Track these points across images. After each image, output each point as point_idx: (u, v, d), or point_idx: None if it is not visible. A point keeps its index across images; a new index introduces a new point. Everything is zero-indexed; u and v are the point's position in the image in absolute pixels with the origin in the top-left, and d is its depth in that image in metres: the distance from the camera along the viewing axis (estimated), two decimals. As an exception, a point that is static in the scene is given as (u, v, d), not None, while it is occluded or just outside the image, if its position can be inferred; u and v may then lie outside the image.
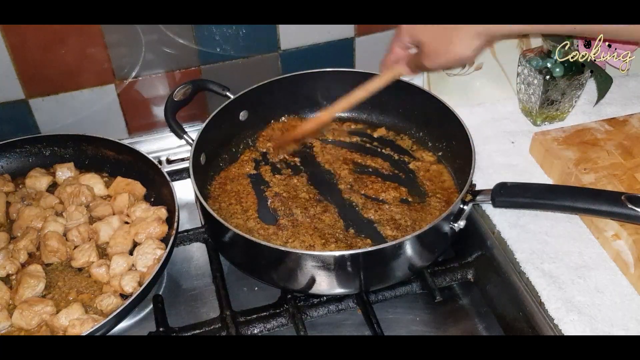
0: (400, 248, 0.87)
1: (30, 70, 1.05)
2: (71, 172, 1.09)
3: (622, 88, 1.22)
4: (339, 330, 0.95)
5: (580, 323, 0.83)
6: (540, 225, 0.96)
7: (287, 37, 1.16)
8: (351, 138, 1.17)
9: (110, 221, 1.00)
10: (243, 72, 1.16)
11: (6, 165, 1.10)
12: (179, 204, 0.98)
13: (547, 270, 0.90)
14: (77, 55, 1.06)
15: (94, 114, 1.13)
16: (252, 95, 1.12)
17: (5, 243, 0.98)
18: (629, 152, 1.02)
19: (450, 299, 1.00)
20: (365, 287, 0.92)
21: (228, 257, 1.00)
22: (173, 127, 1.06)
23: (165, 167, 1.15)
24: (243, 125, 1.15)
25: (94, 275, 0.94)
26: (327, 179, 1.09)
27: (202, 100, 1.18)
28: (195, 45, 1.12)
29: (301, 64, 1.17)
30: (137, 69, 1.11)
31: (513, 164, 1.08)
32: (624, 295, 0.86)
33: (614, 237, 0.91)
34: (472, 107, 1.20)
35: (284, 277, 0.91)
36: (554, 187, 0.97)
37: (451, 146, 1.08)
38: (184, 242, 1.05)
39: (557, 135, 1.06)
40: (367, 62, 1.22)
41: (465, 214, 0.92)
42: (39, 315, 0.88)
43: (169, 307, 0.94)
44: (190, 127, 1.11)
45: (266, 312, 0.93)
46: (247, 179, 1.08)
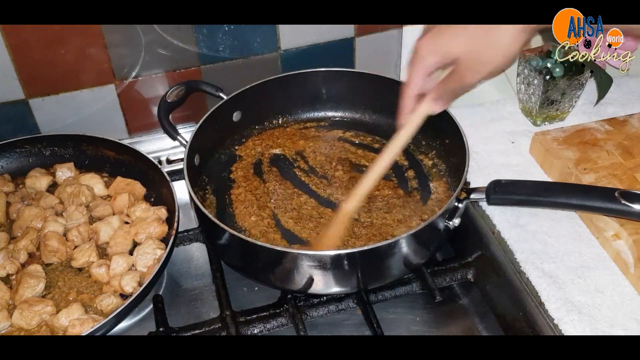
0: (395, 246, 0.87)
1: (31, 70, 1.05)
2: (71, 172, 1.09)
3: (622, 88, 1.22)
4: (339, 330, 0.95)
5: (580, 323, 0.83)
6: (540, 225, 0.96)
7: (287, 37, 1.16)
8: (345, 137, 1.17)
9: (110, 221, 1.00)
10: (243, 72, 1.16)
11: (6, 165, 1.10)
12: (179, 204, 0.98)
13: (547, 270, 0.90)
14: (77, 55, 1.06)
15: (94, 114, 1.13)
16: (246, 95, 1.11)
17: (5, 243, 0.98)
18: (629, 152, 1.02)
19: (450, 299, 1.00)
20: (364, 286, 0.92)
21: (224, 259, 0.99)
22: (166, 128, 1.06)
23: (165, 167, 1.15)
24: (237, 125, 1.15)
25: (94, 275, 0.94)
26: (322, 176, 1.09)
27: (201, 101, 1.18)
28: (195, 46, 1.12)
29: (301, 64, 1.17)
30: (137, 69, 1.11)
31: (513, 164, 1.08)
32: (624, 295, 0.86)
33: (614, 237, 0.91)
34: (472, 107, 1.20)
35: (281, 278, 0.91)
36: (548, 184, 0.97)
37: (445, 145, 1.08)
38: (184, 242, 1.05)
39: (557, 135, 1.06)
40: (367, 62, 1.22)
41: (460, 212, 0.92)
42: (39, 315, 0.88)
43: (169, 307, 0.94)
44: (189, 127, 1.11)
45: (266, 312, 0.93)
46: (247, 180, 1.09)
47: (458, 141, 0.99)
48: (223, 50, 1.14)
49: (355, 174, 1.08)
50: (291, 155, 1.13)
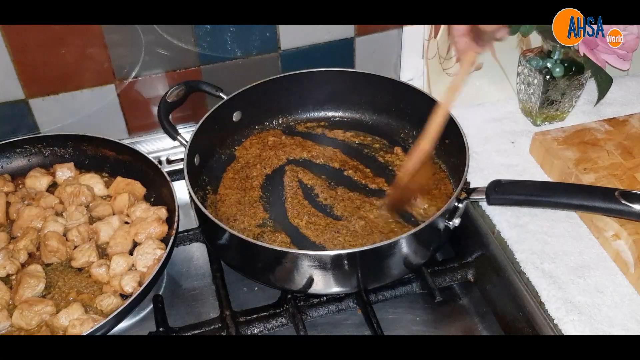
0: (395, 246, 0.87)
1: (31, 70, 1.05)
2: (71, 172, 1.08)
3: (622, 88, 1.22)
4: (339, 330, 0.95)
5: (580, 323, 0.83)
6: (540, 225, 0.96)
7: (287, 37, 1.16)
8: (344, 138, 1.17)
9: (110, 221, 1.00)
10: (243, 72, 1.16)
11: (6, 165, 1.10)
12: (179, 204, 0.98)
13: (547, 270, 0.90)
14: (77, 55, 1.06)
15: (94, 114, 1.13)
16: (246, 96, 1.11)
17: (5, 243, 0.98)
18: (629, 152, 1.02)
19: (450, 299, 1.00)
20: (364, 286, 0.92)
21: (224, 259, 0.99)
22: (166, 128, 1.06)
23: (165, 167, 1.15)
24: (237, 125, 1.15)
25: (94, 275, 0.94)
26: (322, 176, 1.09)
27: (201, 101, 1.18)
28: (195, 46, 1.11)
29: (301, 64, 1.17)
30: (137, 69, 1.11)
31: (513, 164, 1.08)
32: (624, 295, 0.86)
33: (614, 237, 0.91)
34: (472, 107, 1.20)
35: (281, 278, 0.91)
36: (548, 184, 0.97)
37: (445, 144, 1.08)
38: (184, 242, 1.05)
39: (557, 135, 1.06)
40: (367, 62, 1.22)
41: (460, 212, 0.92)
42: (39, 315, 0.88)
43: (169, 307, 0.94)
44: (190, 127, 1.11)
45: (266, 312, 0.93)
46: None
47: (458, 141, 0.99)
48: (223, 50, 1.14)
49: (355, 174, 1.08)
50: (291, 155, 1.13)
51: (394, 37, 1.21)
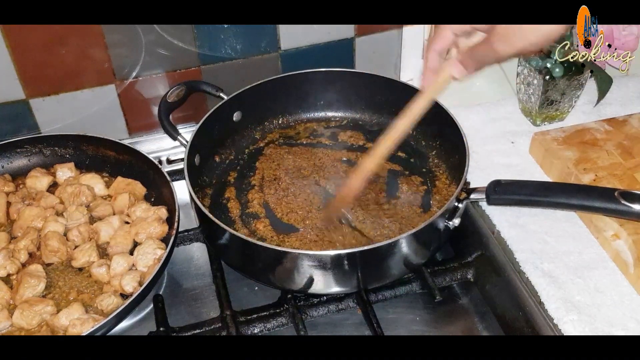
0: (395, 246, 0.87)
1: (31, 70, 1.05)
2: (71, 172, 1.09)
3: (622, 88, 1.22)
4: (339, 330, 0.95)
5: (580, 323, 0.83)
6: (540, 225, 0.96)
7: (287, 37, 1.16)
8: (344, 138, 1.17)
9: (111, 221, 1.00)
10: (243, 73, 1.16)
11: (7, 165, 1.10)
12: (180, 204, 0.98)
13: (547, 270, 0.90)
14: (78, 55, 1.06)
15: (94, 114, 1.13)
16: (246, 96, 1.12)
17: (6, 243, 0.98)
18: (629, 152, 1.02)
19: (450, 298, 1.00)
20: (364, 285, 0.92)
21: (224, 259, 1.00)
22: (167, 128, 1.06)
23: (166, 167, 1.15)
24: (237, 125, 1.15)
25: (95, 275, 0.94)
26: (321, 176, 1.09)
27: (201, 101, 1.18)
28: (196, 46, 1.12)
29: (301, 64, 1.17)
30: (138, 69, 1.11)
31: (513, 164, 1.08)
32: (624, 295, 0.87)
33: (614, 237, 0.91)
34: (472, 107, 1.20)
35: (281, 278, 0.91)
36: (548, 184, 0.97)
37: (445, 145, 1.08)
38: (184, 242, 1.05)
39: (557, 136, 1.06)
40: (367, 62, 1.22)
41: (460, 212, 0.92)
42: (39, 315, 0.88)
43: (169, 307, 0.94)
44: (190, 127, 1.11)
45: (266, 312, 0.93)
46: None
47: (458, 141, 0.99)
48: (223, 51, 1.14)
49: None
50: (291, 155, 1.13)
51: (394, 37, 1.21)
